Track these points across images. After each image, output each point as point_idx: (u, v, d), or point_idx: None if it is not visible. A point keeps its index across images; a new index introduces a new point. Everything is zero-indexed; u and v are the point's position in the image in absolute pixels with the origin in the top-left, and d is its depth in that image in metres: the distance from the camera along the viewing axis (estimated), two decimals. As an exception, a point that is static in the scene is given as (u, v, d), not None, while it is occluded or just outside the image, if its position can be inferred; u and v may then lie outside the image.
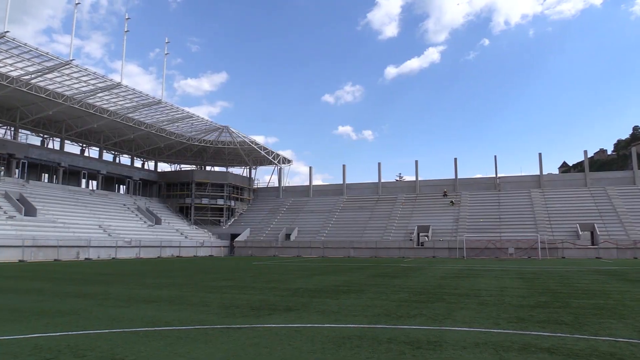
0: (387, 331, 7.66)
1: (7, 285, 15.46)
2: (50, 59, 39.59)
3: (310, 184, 70.85)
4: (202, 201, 65.56)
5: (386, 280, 18.41)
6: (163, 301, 11.47)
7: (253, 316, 9.17)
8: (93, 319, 8.79)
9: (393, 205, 61.67)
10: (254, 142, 66.39)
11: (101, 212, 51.09)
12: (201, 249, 54.06)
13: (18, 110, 49.28)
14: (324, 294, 13.18)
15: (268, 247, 56.11)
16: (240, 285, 15.97)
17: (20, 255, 34.49)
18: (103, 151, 62.00)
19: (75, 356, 5.88)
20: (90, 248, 40.21)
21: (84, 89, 45.78)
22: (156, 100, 49.89)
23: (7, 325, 8.02)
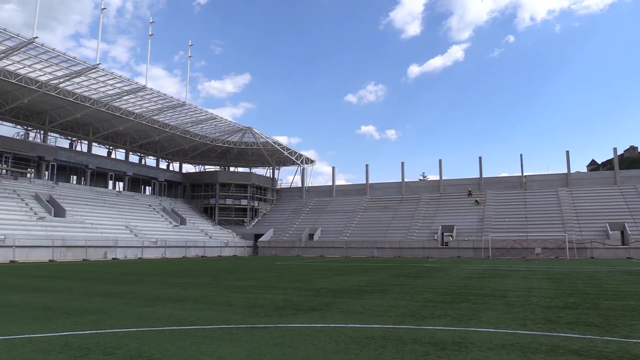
0: (411, 332, 7.61)
1: (39, 284, 15.86)
2: (78, 64, 40.46)
3: (333, 184, 70.83)
4: (226, 202, 66.16)
5: (410, 280, 18.28)
6: (188, 301, 11.60)
7: (277, 316, 9.21)
8: (121, 317, 8.95)
9: (417, 205, 61.22)
10: (277, 143, 66.69)
11: (128, 213, 52.00)
12: (225, 249, 54.54)
13: (47, 114, 50.52)
14: (348, 294, 13.16)
15: (291, 247, 56.29)
16: (264, 285, 16.06)
17: (50, 255, 35.34)
18: (129, 153, 63.14)
19: (103, 354, 5.99)
20: (117, 248, 40.95)
21: (110, 92, 46.66)
22: (180, 103, 50.54)
23: (39, 323, 8.23)
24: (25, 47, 36.63)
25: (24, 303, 10.94)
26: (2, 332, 7.39)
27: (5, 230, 34.89)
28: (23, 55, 38.25)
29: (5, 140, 47.16)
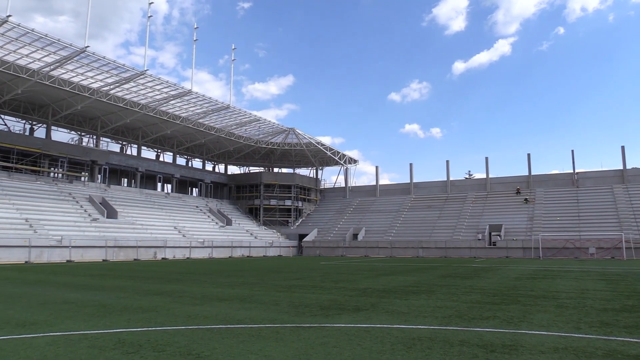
0: (459, 333, 7.46)
1: (94, 282, 16.51)
2: (127, 70, 41.90)
3: (377, 184, 70.41)
4: (270, 202, 66.94)
5: (457, 280, 17.94)
6: (235, 300, 11.79)
7: (322, 315, 9.22)
8: (170, 315, 9.19)
9: (463, 204, 60.03)
10: (320, 143, 66.92)
11: (176, 214, 53.43)
12: (270, 249, 55.16)
13: (99, 119, 52.60)
14: (393, 295, 13.04)
15: (335, 247, 56.33)
16: (309, 284, 16.12)
17: (103, 255, 36.75)
18: (176, 156, 64.89)
19: (154, 351, 6.17)
20: (166, 248, 42.13)
21: (158, 97, 48.09)
22: (225, 106, 51.51)
23: (94, 320, 8.56)
24: (77, 56, 38.24)
25: (80, 301, 11.42)
26: (61, 328, 7.73)
27: (62, 231, 36.57)
28: (76, 64, 39.95)
29: (61, 145, 49.44)
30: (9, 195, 39.60)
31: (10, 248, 31.55)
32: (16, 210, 37.46)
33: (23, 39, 35.48)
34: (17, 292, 13.12)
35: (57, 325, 8.05)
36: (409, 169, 68.28)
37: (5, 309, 9.93)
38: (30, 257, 31.96)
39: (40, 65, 39.45)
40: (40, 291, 13.49)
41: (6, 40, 35.42)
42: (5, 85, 41.62)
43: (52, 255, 33.53)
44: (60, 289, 14.31)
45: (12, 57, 38.03)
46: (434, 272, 23.06)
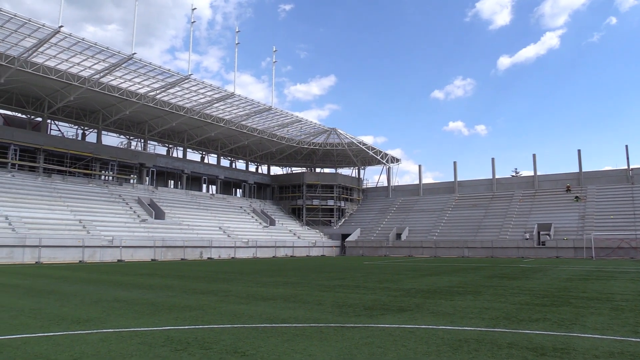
0: (507, 335, 7.26)
1: (143, 281, 17.03)
2: (172, 75, 43.03)
3: (420, 183, 69.55)
4: (313, 202, 67.25)
5: (504, 281, 17.48)
6: (279, 299, 11.90)
7: (366, 316, 9.18)
8: (217, 314, 9.37)
9: (509, 203, 58.47)
10: (362, 143, 66.71)
11: (221, 215, 54.47)
12: (313, 249, 55.39)
13: (146, 123, 54.27)
14: (438, 295, 12.84)
15: (379, 247, 56.00)
16: (353, 284, 16.09)
17: (152, 255, 37.87)
18: (221, 158, 66.20)
19: (202, 348, 6.30)
20: (212, 248, 43.00)
21: (202, 101, 49.15)
22: (267, 107, 52.11)
23: (144, 318, 8.83)
24: (125, 63, 39.57)
25: (131, 299, 11.80)
26: (113, 325, 8.01)
27: (113, 232, 37.94)
28: (124, 70, 41.35)
29: (111, 149, 51.31)
30: (64, 197, 41.41)
31: (66, 248, 32.98)
32: (70, 212, 39.13)
33: (74, 48, 37.00)
34: (72, 290, 13.69)
35: (109, 322, 8.35)
36: (453, 168, 67.21)
37: (61, 306, 10.38)
38: (84, 256, 33.31)
39: (91, 73, 41.06)
40: (93, 289, 14.03)
41: (59, 49, 37.04)
42: (59, 93, 43.56)
43: (104, 255, 34.83)
44: (111, 287, 14.83)
45: (65, 66, 39.73)
46: (480, 273, 22.57)
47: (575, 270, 24.90)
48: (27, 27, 33.54)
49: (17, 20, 32.54)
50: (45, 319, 8.72)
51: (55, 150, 45.51)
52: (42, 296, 12.31)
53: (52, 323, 8.25)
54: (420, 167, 70.12)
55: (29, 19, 32.77)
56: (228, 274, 21.70)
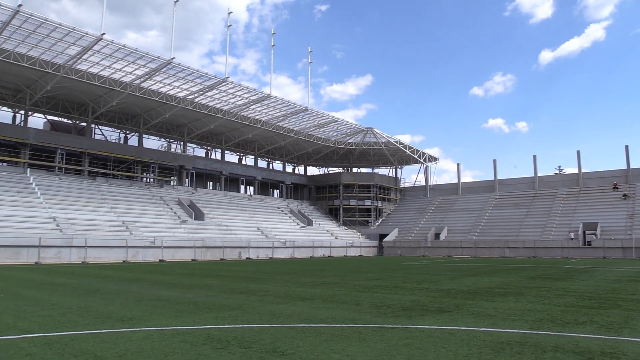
0: (551, 338, 7.04)
1: (184, 281, 17.39)
2: (210, 79, 43.78)
3: (459, 181, 68.43)
4: (350, 202, 67.14)
5: (548, 282, 16.98)
6: (317, 299, 11.92)
7: (405, 316, 9.09)
8: (255, 313, 9.47)
9: (552, 201, 56.78)
10: (399, 142, 66.15)
11: (258, 215, 55.05)
12: (351, 249, 55.29)
13: (186, 126, 55.43)
14: (478, 296, 12.59)
15: (417, 247, 55.39)
16: (391, 285, 15.96)
17: (192, 255, 38.63)
18: (258, 159, 66.92)
19: (241, 347, 6.38)
20: (250, 248, 43.51)
21: (239, 103, 49.82)
22: (302, 108, 52.36)
23: (185, 317, 9.01)
24: (164, 68, 40.52)
25: (172, 298, 12.06)
26: (155, 323, 8.21)
27: (154, 233, 38.91)
28: (163, 75, 42.35)
29: (152, 152, 52.65)
30: (108, 199, 42.76)
31: (110, 248, 34.04)
32: (114, 214, 40.36)
33: (116, 54, 38.14)
34: (116, 289, 14.11)
35: (152, 320, 8.56)
36: (493, 166, 65.73)
37: (107, 305, 10.71)
38: (127, 256, 34.29)
39: (132, 78, 42.24)
40: (136, 289, 14.42)
41: (101, 56, 38.26)
42: (102, 98, 45.03)
43: (146, 255, 35.76)
44: (154, 286, 15.20)
45: (107, 72, 41.01)
46: (522, 273, 22.00)
47: (624, 271, 23.96)
48: (71, 36, 34.80)
49: (62, 29, 33.79)
50: (91, 316, 9.02)
51: (99, 153, 47.05)
52: (89, 295, 12.73)
53: (98, 321, 8.52)
54: (459, 166, 69.04)
55: (73, 27, 33.97)
56: (266, 274, 21.90)
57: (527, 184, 62.66)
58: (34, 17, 32.08)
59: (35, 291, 13.63)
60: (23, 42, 35.33)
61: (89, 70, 40.19)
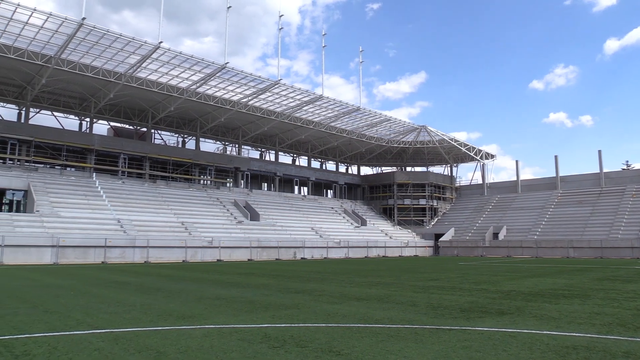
0: (622, 343, 6.66)
1: (241, 280, 17.75)
2: (263, 81, 44.52)
3: (518, 179, 66.15)
4: (404, 202, 66.37)
5: (617, 284, 16.11)
6: (372, 299, 11.85)
7: (463, 318, 8.87)
8: (311, 313, 9.52)
9: (620, 198, 53.82)
10: (454, 139, 64.76)
11: (312, 216, 55.42)
12: (406, 249, 54.64)
13: (240, 129, 56.63)
14: (541, 298, 12.11)
15: (474, 247, 54.00)
16: (448, 285, 15.64)
17: (248, 255, 39.40)
18: (311, 159, 67.41)
19: (297, 346, 6.43)
20: (304, 248, 43.87)
21: (292, 104, 50.36)
22: (354, 108, 52.26)
23: (242, 315, 9.19)
24: (219, 72, 41.59)
25: (230, 297, 12.33)
26: (214, 321, 8.42)
27: (212, 233, 39.98)
28: (218, 79, 43.46)
29: (208, 155, 54.16)
30: (168, 201, 44.34)
31: (170, 249, 35.28)
32: (174, 215, 41.80)
33: (173, 61, 39.50)
34: (177, 288, 14.60)
35: (211, 318, 8.79)
36: (554, 162, 63.08)
37: (168, 303, 11.09)
38: (187, 256, 35.42)
39: (188, 84, 43.61)
40: (195, 287, 14.85)
41: (159, 64, 39.73)
42: (161, 104, 46.77)
43: (204, 255, 36.80)
44: (212, 285, 15.61)
45: (165, 79, 42.55)
46: (588, 275, 20.98)
47: (702, 272, 22.37)
48: (131, 45, 36.35)
49: (122, 39, 35.37)
50: (154, 314, 9.37)
51: (159, 157, 48.87)
52: (151, 293, 13.23)
53: (160, 318, 8.84)
54: (518, 163, 66.73)
55: (133, 37, 35.49)
56: (321, 273, 21.99)
57: (592, 181, 59.72)
58: (96, 29, 33.75)
59: (102, 289, 14.32)
60: (87, 53, 37.26)
61: (148, 78, 41.85)
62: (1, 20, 32.01)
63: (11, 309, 9.88)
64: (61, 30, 33.56)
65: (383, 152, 70.73)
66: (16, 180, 37.42)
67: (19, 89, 42.64)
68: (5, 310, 9.67)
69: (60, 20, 32.50)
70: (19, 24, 32.58)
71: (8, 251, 28.16)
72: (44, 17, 31.98)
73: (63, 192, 38.48)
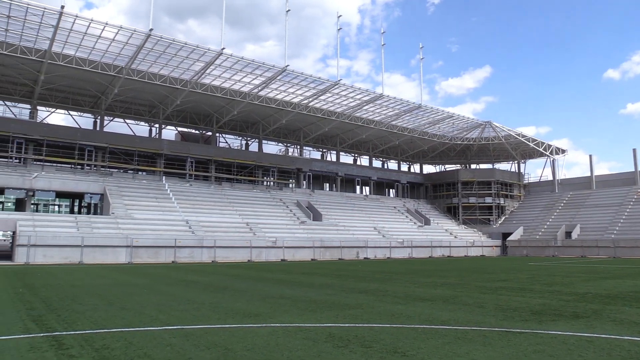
0: None
1: (304, 280, 17.94)
2: (322, 82, 44.80)
3: (592, 174, 62.67)
4: (469, 200, 64.60)
5: None
6: (438, 300, 11.62)
7: (534, 321, 8.51)
8: (375, 313, 9.47)
9: None
10: (521, 135, 62.28)
11: (375, 215, 55.12)
12: (472, 248, 53.17)
13: (301, 130, 57.28)
14: (620, 301, 11.40)
15: (545, 246, 51.69)
16: (517, 287, 15.07)
17: (311, 255, 39.75)
18: (372, 159, 67.03)
19: (362, 346, 6.41)
20: (367, 248, 43.71)
21: (352, 104, 50.33)
22: (416, 105, 51.47)
23: (307, 314, 9.28)
24: (280, 75, 42.26)
25: (294, 296, 12.50)
26: (279, 320, 8.56)
27: (276, 233, 40.69)
28: (279, 82, 44.17)
29: (271, 156, 55.20)
30: (233, 202, 45.58)
31: (236, 248, 36.25)
32: (239, 216, 42.91)
33: (235, 66, 40.54)
34: (243, 287, 14.97)
35: (276, 317, 8.94)
36: (633, 156, 59.21)
37: (235, 301, 11.39)
38: (252, 256, 36.25)
39: (250, 88, 44.63)
40: (261, 286, 15.17)
41: (222, 69, 40.92)
42: (224, 109, 48.16)
43: (268, 254, 37.53)
44: (277, 285, 15.88)
45: (228, 84, 43.77)
46: (674, 276, 19.54)
47: None
48: (195, 53, 37.68)
49: (187, 47, 36.75)
50: (221, 312, 9.66)
51: (224, 160, 50.35)
52: (218, 291, 13.65)
53: (227, 316, 9.10)
54: (592, 158, 63.22)
55: (197, 45, 36.77)
56: (384, 273, 21.84)
57: (676, 175, 55.53)
58: (163, 39, 35.29)
59: (173, 287, 14.94)
60: (155, 62, 38.99)
61: (212, 83, 43.21)
62: (77, 35, 34.13)
63: (91, 306, 10.51)
64: (131, 41, 35.33)
65: (446, 149, 69.17)
66: (93, 184, 39.79)
67: (94, 99, 45.32)
68: (85, 307, 10.30)
69: (129, 33, 34.23)
70: (92, 37, 34.59)
71: (87, 251, 30.00)
72: (115, 30, 33.78)
73: (135, 195, 40.50)
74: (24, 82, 40.49)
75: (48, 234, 29.92)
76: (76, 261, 29.16)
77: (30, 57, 35.27)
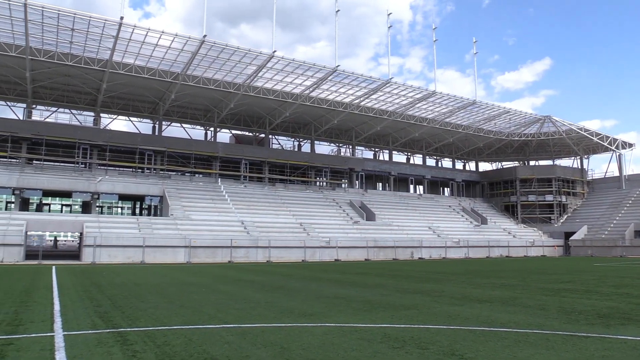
0: None
1: (358, 280, 17.88)
2: (374, 81, 44.52)
3: (662, 170, 58.93)
4: (528, 198, 62.31)
5: None
6: (496, 302, 11.28)
7: (601, 325, 8.09)
8: (431, 314, 9.30)
9: None
10: (584, 129, 59.45)
11: (429, 215, 54.22)
12: (532, 248, 51.28)
13: (353, 130, 57.17)
14: (698, 303, 10.66)
15: (612, 246, 49.10)
16: (582, 288, 14.39)
17: (365, 255, 39.58)
18: (426, 157, 65.95)
19: (418, 347, 6.31)
20: (422, 248, 43.05)
21: (404, 102, 49.73)
22: (470, 102, 50.22)
23: (361, 315, 9.24)
24: (330, 76, 42.36)
25: (348, 296, 12.48)
26: (334, 320, 8.57)
27: (329, 233, 40.80)
28: (329, 83, 44.27)
29: (323, 157, 55.43)
30: (286, 203, 46.10)
31: (290, 249, 36.65)
32: (292, 216, 43.35)
33: (286, 68, 40.99)
34: (297, 287, 15.10)
35: (331, 317, 8.95)
36: None
37: (289, 301, 11.51)
38: (305, 256, 36.51)
39: (302, 89, 44.99)
40: (315, 286, 15.24)
41: (274, 72, 41.47)
42: (277, 111, 48.80)
43: (322, 254, 37.68)
44: (331, 284, 15.91)
45: (280, 86, 44.31)
46: None
47: None
48: (247, 57, 38.39)
49: (239, 52, 37.53)
50: (277, 311, 9.78)
51: (277, 161, 51.04)
52: (274, 291, 13.83)
53: (283, 315, 9.20)
54: (662, 152, 59.42)
55: (249, 49, 37.45)
56: (440, 274, 21.43)
57: None
58: (216, 45, 36.21)
59: (230, 286, 15.27)
60: (209, 68, 40.06)
61: (264, 86, 43.89)
62: (136, 44, 35.59)
63: (152, 304, 10.91)
64: (186, 48, 36.46)
65: (503, 146, 67.05)
66: (153, 187, 41.37)
67: (152, 105, 47.12)
68: (147, 304, 10.70)
69: (184, 40, 35.33)
70: (150, 46, 35.96)
71: (148, 251, 31.21)
72: (171, 37, 34.96)
73: (193, 197, 41.76)
74: (88, 91, 42.67)
75: (112, 235, 31.38)
76: (138, 261, 30.41)
77: (93, 67, 37.14)
